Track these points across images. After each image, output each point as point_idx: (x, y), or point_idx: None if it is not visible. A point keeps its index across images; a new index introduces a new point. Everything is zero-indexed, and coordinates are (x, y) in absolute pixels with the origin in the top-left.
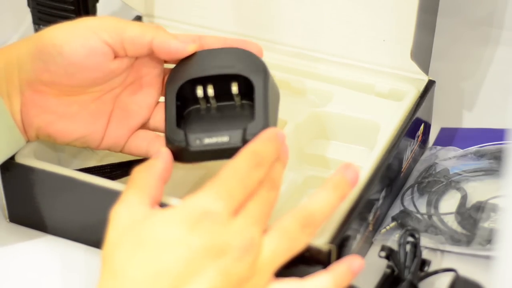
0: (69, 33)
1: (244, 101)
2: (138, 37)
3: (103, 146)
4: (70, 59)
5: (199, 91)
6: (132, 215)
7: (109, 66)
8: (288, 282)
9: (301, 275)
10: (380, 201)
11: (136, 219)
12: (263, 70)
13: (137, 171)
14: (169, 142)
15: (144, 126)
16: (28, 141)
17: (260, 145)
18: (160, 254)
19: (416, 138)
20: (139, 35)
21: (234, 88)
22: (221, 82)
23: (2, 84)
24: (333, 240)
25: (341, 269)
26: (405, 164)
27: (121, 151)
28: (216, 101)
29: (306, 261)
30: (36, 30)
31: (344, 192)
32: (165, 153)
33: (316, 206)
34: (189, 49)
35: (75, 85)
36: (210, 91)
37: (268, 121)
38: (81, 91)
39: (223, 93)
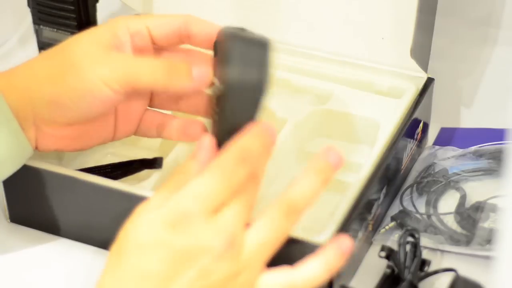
0: (82, 87)
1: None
2: (151, 83)
3: (117, 139)
4: (85, 110)
5: None
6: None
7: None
8: (278, 271)
9: None
10: (380, 200)
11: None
12: None
13: (177, 171)
14: None
15: (151, 105)
16: None
17: (248, 140)
18: (143, 257)
19: (415, 136)
20: (152, 81)
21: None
22: None
23: (14, 119)
24: None
25: (330, 251)
26: (404, 163)
27: (134, 135)
28: None
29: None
30: (36, 30)
31: (327, 176)
32: (207, 154)
33: (298, 194)
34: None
35: (90, 119)
36: None
37: None
38: None
39: None
